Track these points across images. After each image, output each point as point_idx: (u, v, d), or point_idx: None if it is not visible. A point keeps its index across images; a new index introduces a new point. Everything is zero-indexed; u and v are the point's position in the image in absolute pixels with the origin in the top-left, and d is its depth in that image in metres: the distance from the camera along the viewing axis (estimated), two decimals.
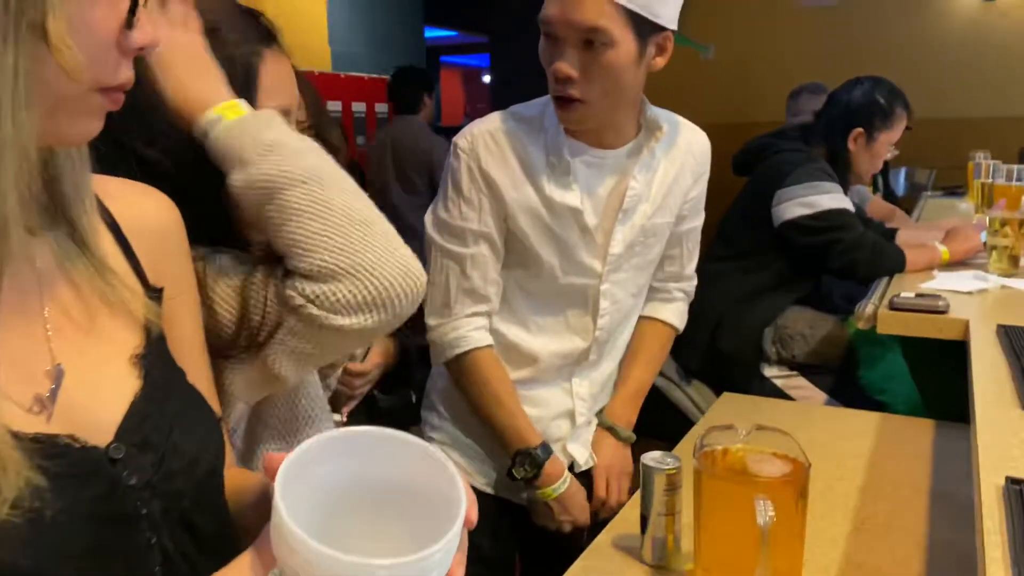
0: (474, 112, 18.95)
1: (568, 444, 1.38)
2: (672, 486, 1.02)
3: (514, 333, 1.32)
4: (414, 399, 2.37)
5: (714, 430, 0.98)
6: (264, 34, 0.81)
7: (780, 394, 2.09)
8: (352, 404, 1.24)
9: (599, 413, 1.43)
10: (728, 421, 1.54)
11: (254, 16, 0.82)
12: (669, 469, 1.02)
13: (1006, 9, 5.81)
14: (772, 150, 2.19)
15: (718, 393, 1.82)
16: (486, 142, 1.24)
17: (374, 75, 7.86)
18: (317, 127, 1.16)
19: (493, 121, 1.26)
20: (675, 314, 1.47)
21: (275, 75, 0.81)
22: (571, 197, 1.23)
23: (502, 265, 1.30)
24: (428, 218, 1.30)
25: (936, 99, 5.65)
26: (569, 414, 1.37)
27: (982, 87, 5.84)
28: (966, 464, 0.96)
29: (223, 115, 0.74)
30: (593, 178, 1.25)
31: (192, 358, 0.67)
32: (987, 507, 0.77)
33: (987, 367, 1.23)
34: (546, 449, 1.26)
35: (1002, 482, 0.81)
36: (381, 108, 7.85)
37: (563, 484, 1.26)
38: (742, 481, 0.91)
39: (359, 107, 7.74)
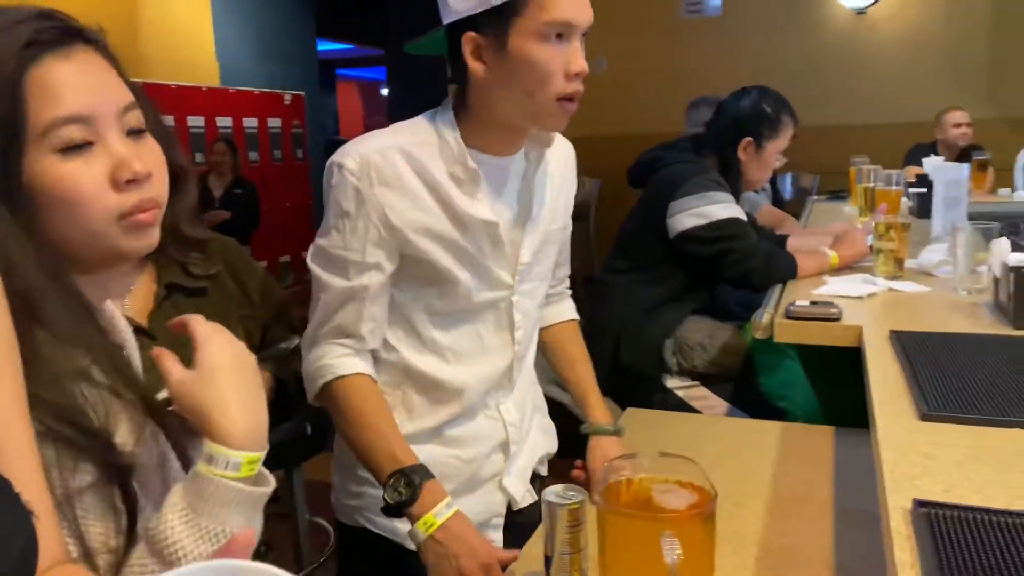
0: (373, 125, 18.76)
1: (504, 479, 1.27)
2: (576, 522, 0.96)
3: (432, 367, 1.21)
4: (309, 430, 2.24)
5: (617, 460, 0.93)
6: (54, 34, 0.69)
7: (683, 405, 2.09)
8: None
9: (583, 425, 1.36)
10: (633, 437, 1.53)
11: (44, 16, 0.70)
12: (571, 504, 0.96)
13: (876, 22, 6.13)
14: (664, 162, 2.19)
15: (623, 407, 1.79)
16: (378, 163, 1.12)
17: (266, 89, 7.62)
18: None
19: (381, 139, 1.16)
20: (574, 310, 1.47)
21: (59, 79, 0.69)
22: (482, 209, 1.15)
23: (410, 292, 1.20)
24: (311, 248, 1.20)
25: (818, 107, 5.89)
26: (503, 445, 1.27)
27: (859, 95, 6.13)
28: (868, 473, 0.94)
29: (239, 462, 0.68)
30: (495, 186, 1.18)
31: (8, 435, 0.56)
32: (896, 534, 0.74)
33: (883, 375, 1.23)
34: (424, 471, 1.11)
35: (909, 505, 0.78)
36: (274, 123, 7.61)
37: (447, 509, 1.09)
38: (648, 517, 0.86)
39: (251, 122, 7.47)
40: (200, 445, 0.69)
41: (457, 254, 1.16)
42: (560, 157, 1.29)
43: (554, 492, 0.99)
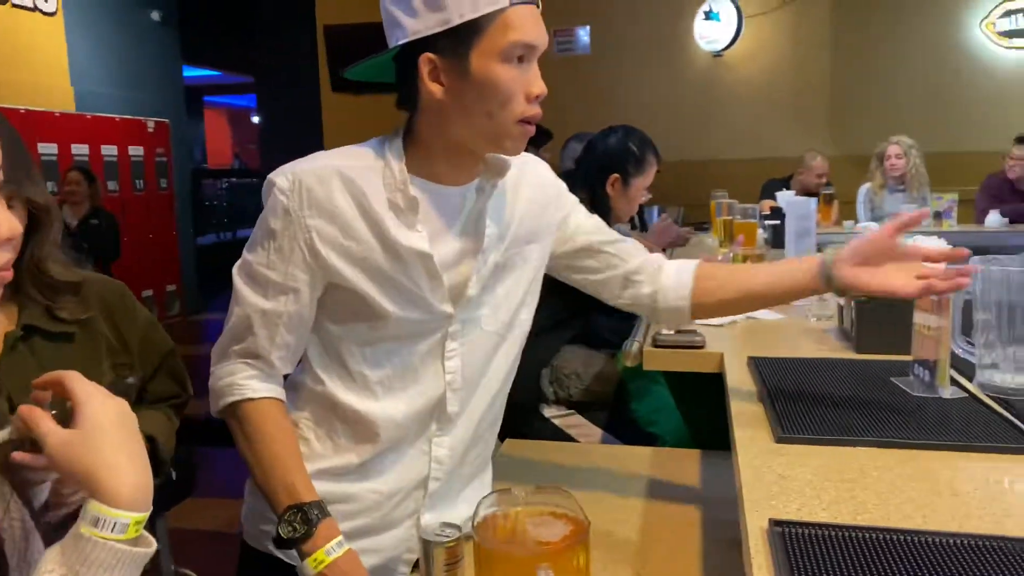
0: (244, 153, 18.18)
1: (421, 516, 1.21)
2: (453, 559, 0.96)
3: (361, 402, 1.15)
4: (174, 476, 2.12)
5: (492, 495, 0.94)
6: None
7: (559, 433, 2.12)
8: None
9: (827, 261, 1.19)
10: (512, 468, 1.54)
11: None
12: (448, 542, 0.96)
13: (731, 65, 6.56)
14: None
15: (502, 437, 1.80)
16: (312, 184, 1.08)
17: (127, 116, 7.26)
18: (13, 182, 0.96)
19: (321, 160, 1.11)
20: (685, 262, 1.33)
21: None
22: (418, 240, 1.10)
23: (336, 321, 1.15)
24: (238, 261, 1.15)
25: (681, 143, 6.21)
26: (424, 481, 1.20)
27: (718, 133, 6.52)
28: (732, 494, 0.99)
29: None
30: (441, 217, 1.13)
31: None
32: (755, 554, 0.78)
33: (742, 400, 1.29)
34: (322, 509, 1.07)
35: (766, 524, 0.83)
36: (136, 151, 7.25)
37: (338, 547, 1.05)
38: (523, 550, 0.87)
39: (110, 150, 7.09)
40: (40, 494, 0.64)
41: (387, 286, 1.11)
42: (535, 183, 1.24)
43: (431, 529, 0.98)
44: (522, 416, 2.13)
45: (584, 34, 6.50)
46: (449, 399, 1.17)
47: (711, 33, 6.44)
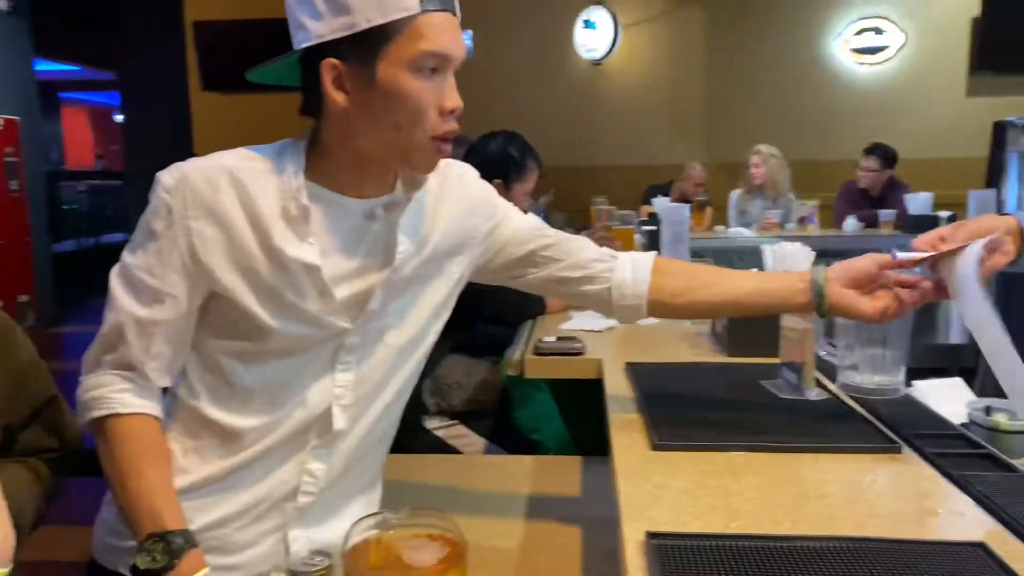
0: (107, 154, 17.12)
1: (289, 531, 1.11)
2: None
3: (234, 419, 1.07)
4: None
5: (362, 521, 0.89)
6: None
7: (442, 445, 2.08)
8: None
9: (813, 274, 1.15)
10: (392, 487, 1.48)
11: None
12: (318, 570, 0.90)
13: (610, 73, 6.72)
14: None
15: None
16: (198, 184, 1.00)
17: None
18: None
19: (214, 159, 1.03)
20: (642, 256, 1.25)
21: None
22: (307, 252, 1.02)
23: (217, 334, 1.06)
24: (117, 264, 1.05)
25: (564, 149, 6.31)
26: (291, 495, 1.11)
27: (598, 139, 6.66)
28: (612, 501, 0.98)
29: None
30: (342, 230, 1.06)
31: None
32: (631, 567, 0.77)
33: (620, 406, 1.30)
34: (188, 538, 0.98)
35: (643, 538, 0.82)
36: None
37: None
38: (396, 575, 0.83)
39: None
40: None
41: (271, 299, 1.03)
42: (459, 190, 1.17)
43: (299, 560, 0.92)
44: (403, 429, 2.07)
45: (466, 38, 6.49)
46: (336, 415, 1.10)
47: (590, 41, 6.58)
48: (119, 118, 11.47)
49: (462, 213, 1.17)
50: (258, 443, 1.08)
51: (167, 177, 1.02)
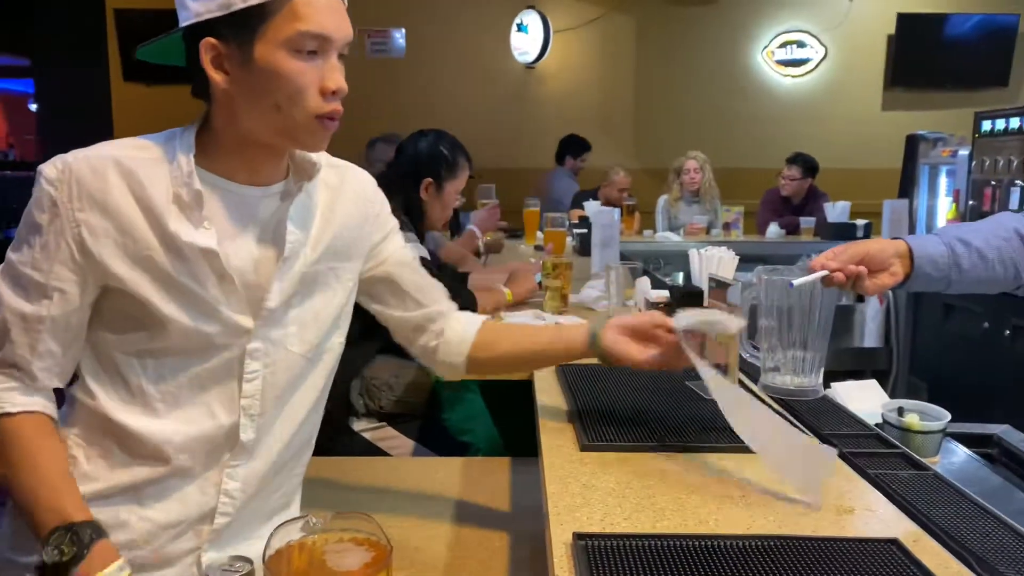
0: (20, 143, 16.33)
1: (203, 554, 1.07)
2: None
3: (139, 420, 1.02)
4: None
5: (284, 525, 0.86)
6: None
7: (370, 447, 2.05)
8: None
9: (592, 333, 1.23)
10: (317, 490, 1.45)
11: None
12: None
13: (543, 76, 6.76)
14: None
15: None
16: (83, 174, 0.96)
17: None
18: None
19: (99, 149, 0.99)
20: (474, 316, 1.30)
21: None
22: (203, 236, 1.00)
23: (112, 329, 1.02)
24: (2, 263, 1.01)
25: (496, 150, 6.31)
26: (207, 516, 1.07)
27: (530, 141, 6.69)
28: (540, 502, 0.98)
29: None
30: (236, 218, 1.04)
31: None
32: (559, 569, 0.77)
33: (550, 408, 1.30)
34: (97, 528, 0.94)
35: (570, 539, 0.82)
36: None
37: (119, 572, 0.92)
38: None
39: None
40: None
41: (170, 290, 1.00)
42: (354, 192, 1.17)
43: (216, 564, 0.89)
44: (330, 431, 2.03)
45: (399, 36, 6.43)
46: (244, 426, 1.06)
47: (522, 45, 6.60)
48: (33, 107, 10.96)
49: (357, 219, 1.17)
50: (166, 452, 1.04)
51: (50, 169, 0.98)
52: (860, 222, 4.67)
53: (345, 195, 1.15)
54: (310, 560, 0.85)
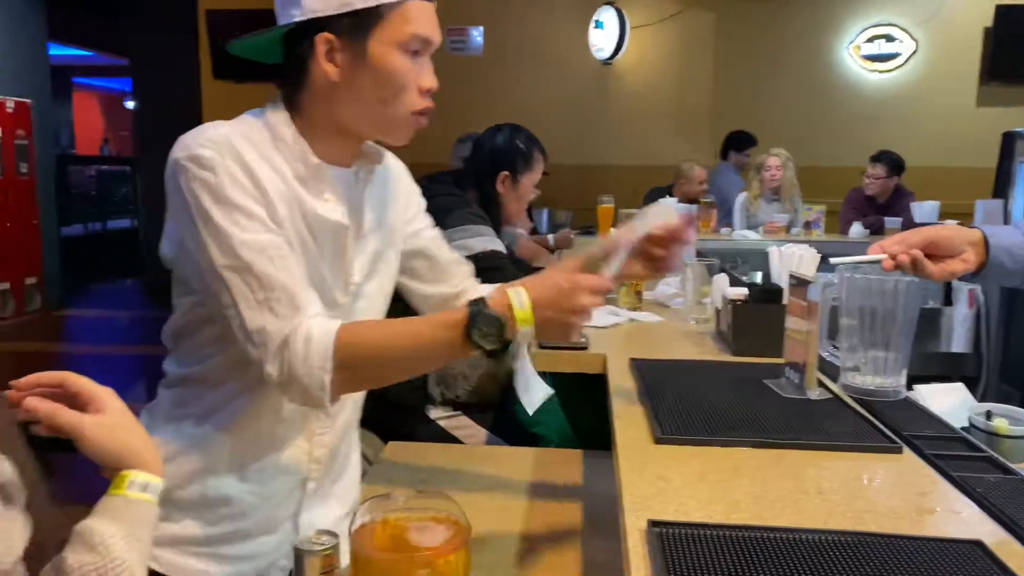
0: (116, 139, 17.17)
1: (300, 517, 1.15)
2: (328, 568, 0.91)
3: (255, 399, 1.08)
4: None
5: (370, 500, 0.90)
6: None
7: (445, 435, 2.09)
8: None
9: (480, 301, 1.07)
10: (395, 471, 1.50)
11: None
12: (324, 550, 0.92)
13: (621, 72, 6.72)
14: (426, 194, 2.22)
15: (386, 439, 1.76)
16: (236, 148, 1.00)
17: None
18: None
19: (220, 127, 1.03)
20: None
21: None
22: (332, 211, 1.07)
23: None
24: (203, 264, 1.00)
25: (571, 147, 6.32)
26: (301, 483, 1.15)
27: (605, 138, 6.66)
28: (612, 493, 1.00)
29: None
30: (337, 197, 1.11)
31: None
32: (633, 554, 0.79)
33: (624, 401, 1.31)
34: (479, 304, 0.96)
35: (644, 525, 0.83)
36: None
37: (517, 295, 0.96)
38: (401, 556, 0.85)
39: None
40: None
41: (305, 262, 1.04)
42: (397, 177, 1.24)
43: (305, 538, 0.94)
44: (408, 418, 2.09)
45: (477, 35, 6.50)
46: None
47: (599, 41, 6.58)
48: (130, 104, 11.49)
49: (402, 200, 1.24)
50: (272, 427, 1.11)
51: (204, 151, 0.99)
52: (950, 223, 4.49)
53: (392, 179, 1.23)
54: (393, 535, 0.89)
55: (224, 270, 0.98)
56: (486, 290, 1.31)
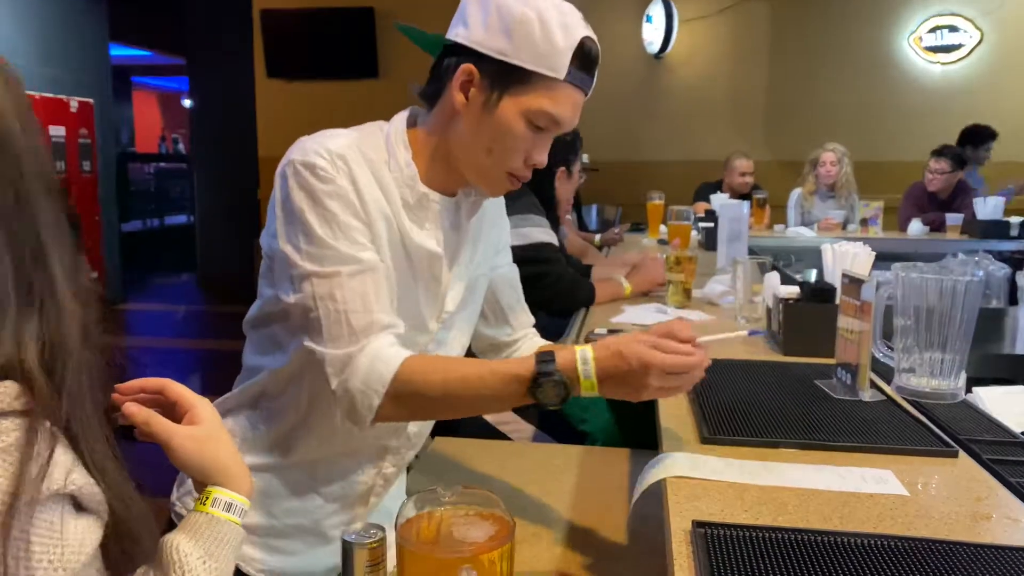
0: (171, 138, 17.62)
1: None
2: (375, 561, 0.93)
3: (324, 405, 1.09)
4: None
5: (416, 495, 0.92)
6: None
7: (492, 431, 2.11)
8: None
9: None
10: (442, 465, 1.52)
11: None
12: (371, 543, 0.93)
13: (672, 66, 6.65)
14: None
15: (432, 435, 1.78)
16: (350, 158, 1.01)
17: (48, 95, 6.94)
18: None
19: (341, 137, 1.04)
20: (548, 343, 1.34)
21: None
22: (428, 239, 1.07)
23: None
24: (292, 275, 1.01)
25: (620, 143, 6.28)
26: (364, 497, 1.18)
27: (655, 134, 6.60)
28: (658, 494, 0.99)
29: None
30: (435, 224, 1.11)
31: None
32: (677, 556, 0.78)
33: (671, 400, 1.30)
34: (543, 359, 0.95)
35: (689, 526, 0.83)
36: (57, 132, 6.95)
37: (583, 351, 0.96)
38: (445, 551, 0.86)
39: None
40: None
41: (405, 283, 1.07)
42: (491, 204, 1.23)
43: (353, 530, 0.96)
44: None
45: None
46: (411, 422, 1.16)
47: (649, 35, 6.52)
48: (186, 103, 11.79)
49: (497, 229, 1.25)
50: (349, 443, 1.13)
51: (320, 160, 1.00)
52: (1015, 219, 4.34)
53: (492, 210, 1.23)
54: (438, 530, 0.90)
55: (312, 276, 1.00)
56: (542, 342, 1.33)
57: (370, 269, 1.01)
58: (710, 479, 0.97)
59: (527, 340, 1.33)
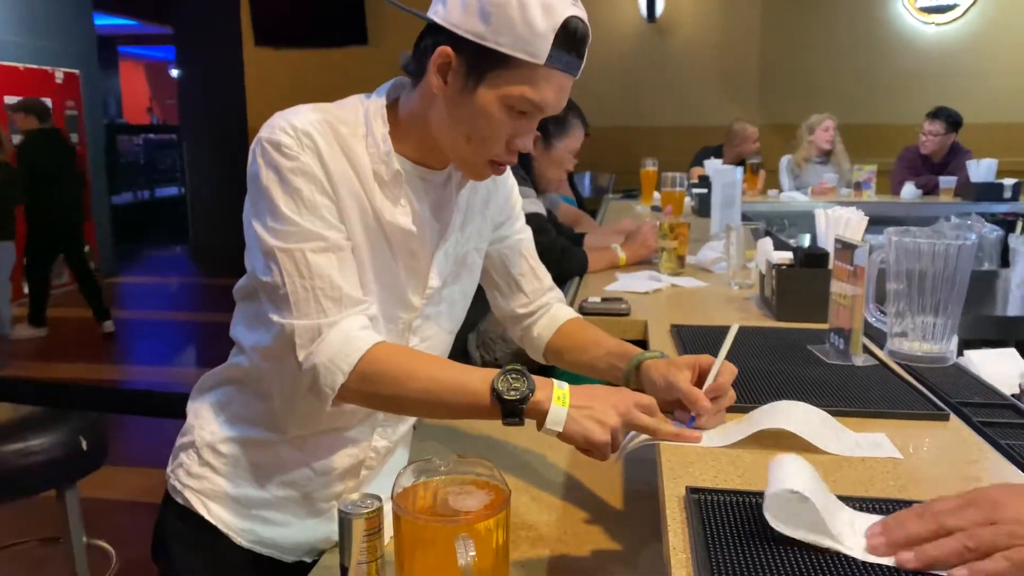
0: (162, 108, 17.41)
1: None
2: (372, 530, 0.94)
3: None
4: (85, 445, 2.04)
5: (412, 465, 0.92)
6: None
7: None
8: None
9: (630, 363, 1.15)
10: (435, 435, 1.53)
11: None
12: (368, 512, 0.94)
13: (665, 28, 6.58)
14: None
15: None
16: (321, 136, 1.00)
17: (33, 66, 6.83)
18: None
19: (311, 113, 1.02)
20: (571, 311, 1.33)
21: None
22: (402, 216, 1.05)
23: None
24: (261, 248, 1.00)
25: (613, 109, 6.23)
26: (355, 469, 1.18)
27: (648, 99, 6.55)
28: (653, 460, 1.00)
29: None
30: (418, 200, 1.09)
31: None
32: (671, 520, 0.79)
33: None
34: (522, 368, 0.99)
35: (683, 492, 0.84)
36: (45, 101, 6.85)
37: (562, 385, 0.99)
38: (441, 520, 0.86)
39: (14, 101, 6.69)
40: None
41: (380, 259, 1.06)
42: (499, 179, 1.21)
43: (349, 501, 0.96)
44: None
45: None
46: None
47: None
48: (174, 73, 11.63)
49: (497, 201, 1.22)
50: (340, 414, 1.12)
51: (284, 137, 0.99)
52: (1008, 181, 4.34)
53: (499, 181, 1.20)
54: (434, 499, 0.90)
55: (277, 251, 0.99)
56: (556, 309, 1.32)
57: (335, 247, 1.01)
58: (705, 446, 0.98)
59: (547, 312, 1.30)
